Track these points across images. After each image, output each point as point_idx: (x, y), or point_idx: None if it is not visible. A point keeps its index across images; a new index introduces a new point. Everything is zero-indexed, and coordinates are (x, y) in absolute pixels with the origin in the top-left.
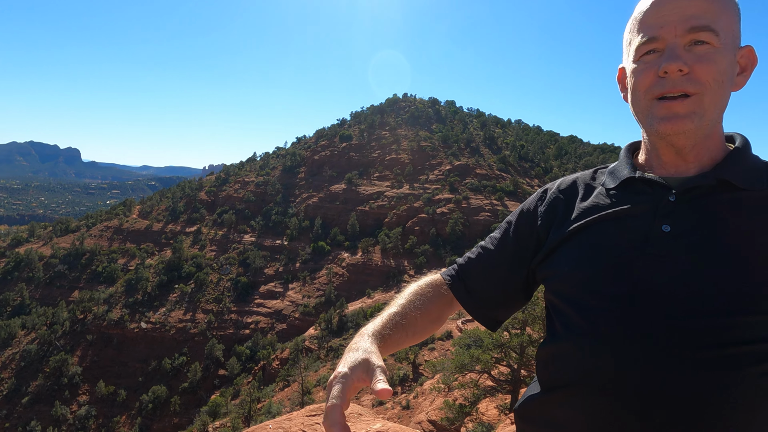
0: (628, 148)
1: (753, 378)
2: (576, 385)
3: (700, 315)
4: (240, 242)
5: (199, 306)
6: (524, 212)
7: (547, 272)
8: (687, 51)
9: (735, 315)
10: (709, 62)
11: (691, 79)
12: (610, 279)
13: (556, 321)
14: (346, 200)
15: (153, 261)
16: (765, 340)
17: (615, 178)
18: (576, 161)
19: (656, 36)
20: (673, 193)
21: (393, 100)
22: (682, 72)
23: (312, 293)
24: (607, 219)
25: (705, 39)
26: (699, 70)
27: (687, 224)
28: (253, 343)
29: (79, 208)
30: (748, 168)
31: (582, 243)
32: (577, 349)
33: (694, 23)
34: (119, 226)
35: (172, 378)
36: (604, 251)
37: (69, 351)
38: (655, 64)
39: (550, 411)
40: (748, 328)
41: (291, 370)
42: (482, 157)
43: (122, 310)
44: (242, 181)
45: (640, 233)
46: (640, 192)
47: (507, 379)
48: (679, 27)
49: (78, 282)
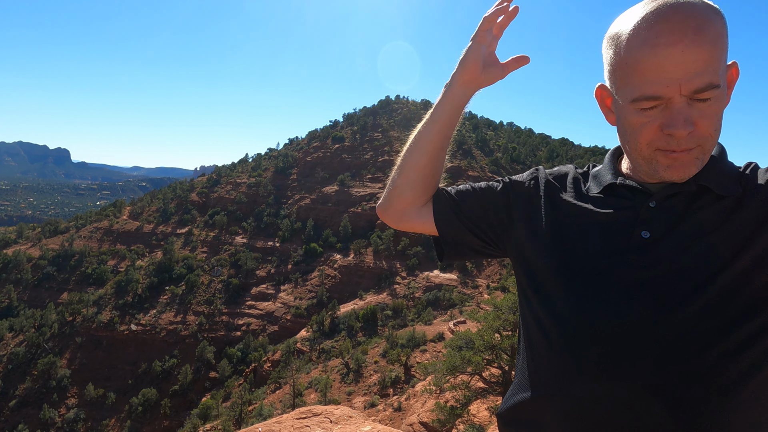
0: (612, 153)
1: (737, 380)
2: (550, 396)
3: (678, 322)
4: (231, 244)
5: (190, 308)
6: (515, 182)
7: (521, 269)
8: (690, 106)
9: (712, 321)
10: (711, 116)
11: (694, 135)
12: (588, 286)
13: (533, 324)
14: (339, 202)
15: (143, 263)
16: (740, 344)
17: (598, 183)
18: (567, 164)
19: (661, 95)
20: (653, 200)
21: (385, 102)
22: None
23: (304, 295)
24: (589, 223)
25: (709, 96)
26: (703, 126)
27: (666, 230)
28: (245, 345)
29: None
30: (724, 174)
31: (560, 246)
32: (550, 359)
33: (699, 84)
34: (109, 228)
35: (163, 380)
36: (585, 256)
37: (57, 353)
38: (658, 118)
39: (532, 415)
40: (726, 333)
41: (282, 372)
42: (474, 159)
43: (112, 312)
44: (234, 182)
45: (621, 239)
46: (622, 197)
47: (498, 380)
48: (684, 87)
49: (67, 284)
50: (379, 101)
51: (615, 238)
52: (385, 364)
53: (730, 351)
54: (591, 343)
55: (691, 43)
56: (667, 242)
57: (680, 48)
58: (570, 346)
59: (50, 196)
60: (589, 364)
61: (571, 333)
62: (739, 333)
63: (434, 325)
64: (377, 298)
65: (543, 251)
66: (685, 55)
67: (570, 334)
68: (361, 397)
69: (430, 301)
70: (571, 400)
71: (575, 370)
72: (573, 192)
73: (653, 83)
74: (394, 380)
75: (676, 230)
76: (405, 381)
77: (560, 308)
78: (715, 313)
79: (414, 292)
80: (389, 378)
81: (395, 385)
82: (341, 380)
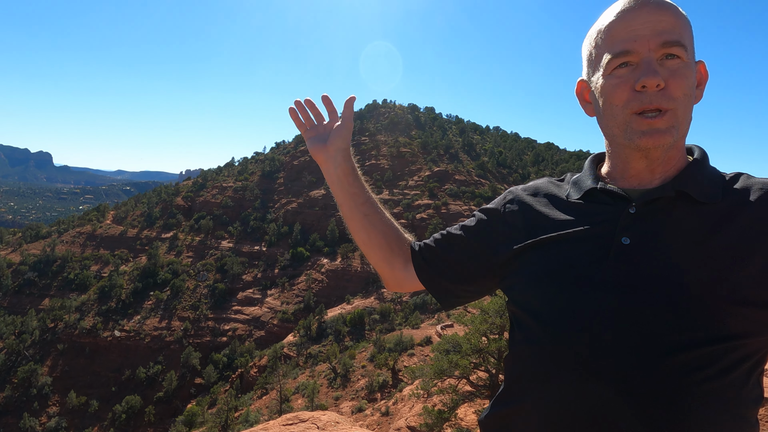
0: (592, 159)
1: (712, 384)
2: (533, 400)
3: (657, 327)
4: (217, 248)
5: (175, 313)
6: (489, 214)
7: (510, 281)
8: (660, 65)
9: (689, 326)
10: (681, 77)
11: (665, 95)
12: (572, 291)
13: (518, 332)
14: (326, 206)
15: (127, 268)
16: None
17: (579, 189)
18: (553, 167)
19: (629, 50)
20: (633, 206)
21: (372, 106)
22: (659, 87)
23: (291, 299)
24: (569, 230)
25: (677, 53)
26: (673, 85)
27: (645, 236)
28: (231, 351)
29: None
30: (706, 180)
31: (545, 254)
32: (537, 361)
33: (667, 38)
34: (92, 232)
35: (147, 387)
36: (567, 263)
37: (38, 361)
38: (630, 78)
39: (512, 423)
40: (701, 339)
41: (269, 377)
42: (461, 163)
43: (95, 318)
44: (220, 186)
45: (601, 246)
46: (602, 203)
47: (485, 384)
48: (652, 41)
49: (48, 290)
50: (365, 105)
51: (596, 245)
52: (372, 369)
53: (699, 356)
54: (570, 345)
55: (655, 8)
56: (647, 248)
57: (646, 10)
58: (551, 348)
59: (31, 201)
60: (567, 366)
61: (552, 336)
62: (709, 340)
63: (422, 329)
64: (365, 303)
65: (526, 264)
66: (651, 15)
67: (551, 337)
68: (348, 402)
69: (418, 305)
70: (547, 403)
71: (553, 371)
72: (551, 202)
73: (623, 41)
74: (382, 385)
75: (656, 237)
76: (393, 385)
77: (542, 314)
78: (689, 320)
79: (401, 296)
80: (377, 382)
81: (383, 390)
82: (328, 385)
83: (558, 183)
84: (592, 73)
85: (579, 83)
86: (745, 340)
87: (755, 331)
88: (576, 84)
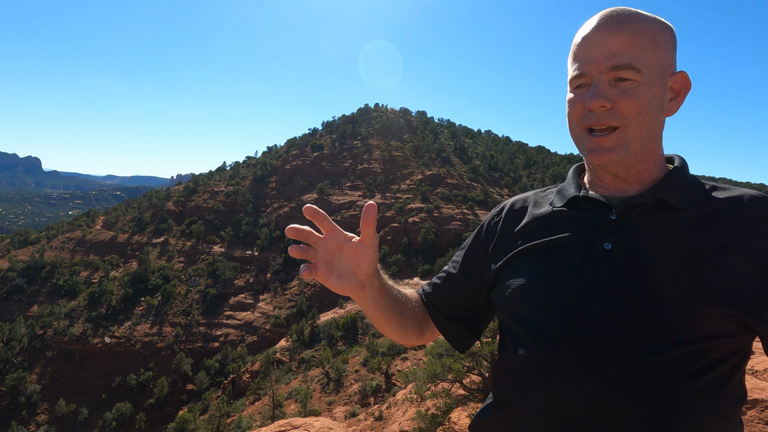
0: (575, 169)
1: (693, 384)
2: (522, 403)
3: (637, 329)
4: (209, 253)
5: (166, 319)
6: (481, 231)
7: (498, 289)
8: (612, 86)
9: (666, 327)
10: (632, 97)
11: (614, 114)
12: (556, 295)
13: (507, 338)
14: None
15: (118, 273)
16: (696, 354)
17: (562, 197)
18: (544, 171)
19: (583, 72)
20: (614, 212)
21: (365, 110)
22: (605, 108)
23: (283, 304)
24: (553, 237)
25: (627, 76)
26: (622, 104)
27: (626, 242)
28: (223, 356)
29: (40, 219)
30: (684, 187)
31: (530, 261)
32: (524, 366)
33: (616, 62)
34: (82, 238)
35: (138, 394)
36: (551, 268)
37: (27, 368)
38: (583, 97)
39: (500, 428)
40: (679, 340)
41: (262, 383)
42: (453, 167)
43: (85, 324)
44: (212, 190)
45: (584, 252)
46: (585, 210)
47: (479, 387)
48: (602, 65)
49: (37, 296)
50: (358, 109)
51: (579, 250)
52: (365, 373)
53: (678, 357)
54: (555, 349)
55: (612, 29)
56: (628, 253)
57: (602, 32)
58: (537, 353)
59: (20, 206)
60: (554, 370)
61: (537, 340)
62: (687, 340)
63: None
64: (357, 307)
65: (512, 271)
66: (606, 37)
67: (537, 341)
68: (341, 407)
69: None
70: (536, 406)
71: (539, 384)
72: (536, 211)
73: (580, 62)
74: (375, 389)
75: (636, 242)
76: (386, 390)
77: (528, 319)
78: (666, 319)
79: None
80: (370, 387)
81: (376, 394)
82: (321, 390)
83: (543, 194)
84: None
85: None
86: (722, 340)
87: (733, 331)
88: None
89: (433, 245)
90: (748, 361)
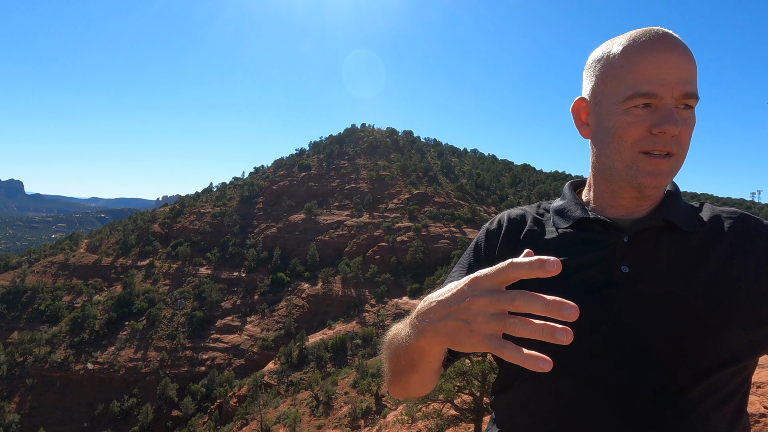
0: (571, 187)
1: (714, 413)
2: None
3: (665, 356)
4: (195, 275)
5: (151, 343)
6: (480, 247)
7: None
8: (677, 113)
9: (684, 344)
10: (690, 126)
11: (677, 141)
12: (577, 323)
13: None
14: (306, 230)
15: (101, 297)
16: (720, 377)
17: (567, 218)
18: (530, 189)
19: (655, 93)
20: (626, 235)
21: (351, 130)
22: (675, 135)
23: (271, 326)
24: (566, 259)
25: (692, 104)
26: (684, 133)
27: (642, 265)
28: (209, 381)
29: (21, 243)
30: (684, 212)
31: (545, 286)
32: (538, 395)
33: (689, 89)
34: (65, 261)
35: (121, 422)
36: (569, 296)
37: (6, 397)
38: (647, 119)
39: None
40: (709, 366)
41: (249, 407)
42: (440, 185)
43: (66, 350)
44: (198, 212)
45: (602, 275)
46: (594, 232)
47: (470, 407)
48: (676, 90)
49: (18, 322)
50: (345, 129)
51: (596, 274)
52: (355, 395)
53: (710, 383)
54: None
55: (682, 53)
56: (646, 276)
57: (675, 54)
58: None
59: (1, 230)
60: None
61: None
62: (706, 359)
63: None
64: (346, 327)
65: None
66: (680, 61)
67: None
68: (331, 431)
69: None
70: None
71: (555, 411)
72: (538, 229)
73: (650, 81)
74: (365, 411)
75: (652, 265)
76: (376, 411)
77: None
78: (688, 338)
79: (384, 320)
80: (360, 409)
81: (366, 416)
82: (311, 413)
83: (539, 211)
84: (603, 97)
85: (577, 102)
86: (744, 362)
87: (750, 352)
88: (573, 101)
89: (421, 264)
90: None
